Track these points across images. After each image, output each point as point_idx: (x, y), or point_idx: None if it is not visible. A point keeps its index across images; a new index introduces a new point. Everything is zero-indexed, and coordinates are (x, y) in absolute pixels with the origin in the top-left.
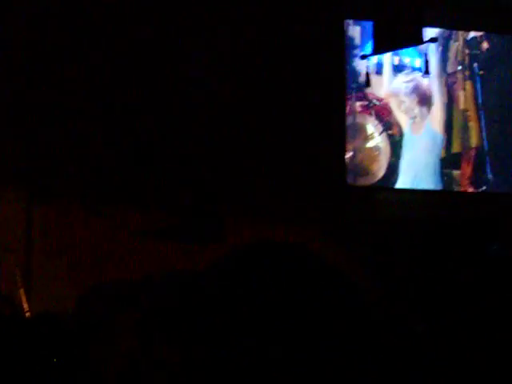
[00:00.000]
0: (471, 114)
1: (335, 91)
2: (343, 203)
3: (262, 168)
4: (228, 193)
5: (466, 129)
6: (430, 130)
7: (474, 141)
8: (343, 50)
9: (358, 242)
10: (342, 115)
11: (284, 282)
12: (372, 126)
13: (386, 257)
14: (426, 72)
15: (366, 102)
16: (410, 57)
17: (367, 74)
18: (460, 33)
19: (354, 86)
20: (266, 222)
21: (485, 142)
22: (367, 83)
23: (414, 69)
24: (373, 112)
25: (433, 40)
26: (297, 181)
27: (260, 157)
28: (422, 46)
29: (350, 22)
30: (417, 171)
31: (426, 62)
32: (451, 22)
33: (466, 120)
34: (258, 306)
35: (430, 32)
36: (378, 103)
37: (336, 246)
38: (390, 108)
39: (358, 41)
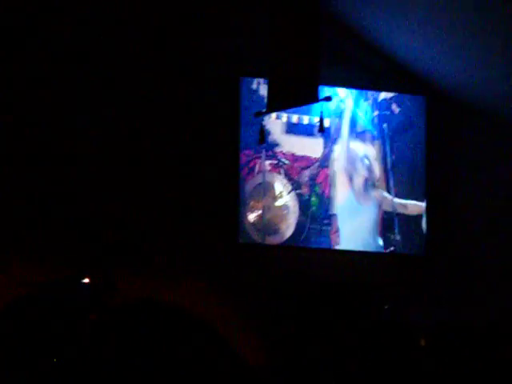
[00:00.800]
0: (379, 174)
1: (230, 151)
2: (234, 261)
3: (155, 227)
4: (121, 251)
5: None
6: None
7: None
8: (238, 107)
9: (246, 299)
10: (237, 174)
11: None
12: (281, 185)
13: (274, 315)
14: (321, 130)
15: (276, 161)
16: (318, 116)
17: (261, 131)
18: (370, 93)
19: (264, 144)
20: (158, 279)
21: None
22: (261, 140)
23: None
24: (282, 171)
25: (327, 99)
26: (190, 239)
27: (153, 216)
28: (328, 105)
29: (261, 80)
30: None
31: (321, 120)
32: (361, 83)
33: (374, 180)
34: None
35: (340, 91)
36: (287, 162)
37: (223, 304)
38: (300, 167)
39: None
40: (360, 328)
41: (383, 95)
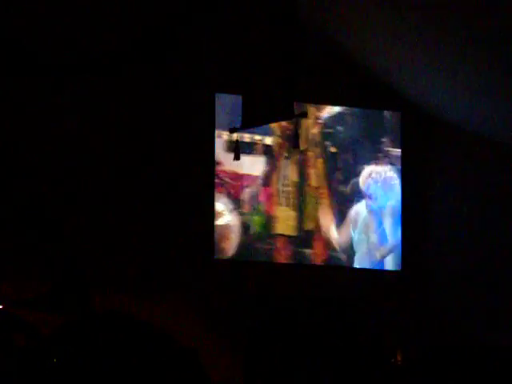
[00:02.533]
0: (324, 191)
1: (204, 166)
2: (209, 277)
3: (129, 243)
4: (97, 265)
5: (318, 206)
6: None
7: (327, 219)
8: (213, 123)
9: (220, 314)
10: (212, 191)
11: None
12: (222, 204)
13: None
14: (296, 146)
15: (218, 180)
16: (261, 135)
17: (236, 148)
18: (312, 110)
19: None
20: (130, 295)
21: (337, 221)
22: (236, 157)
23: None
24: (224, 190)
25: (303, 114)
26: (164, 256)
27: (128, 232)
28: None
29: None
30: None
31: (297, 136)
32: (337, 99)
33: (318, 198)
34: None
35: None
36: (229, 181)
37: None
38: (242, 186)
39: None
40: (337, 343)
41: (326, 113)
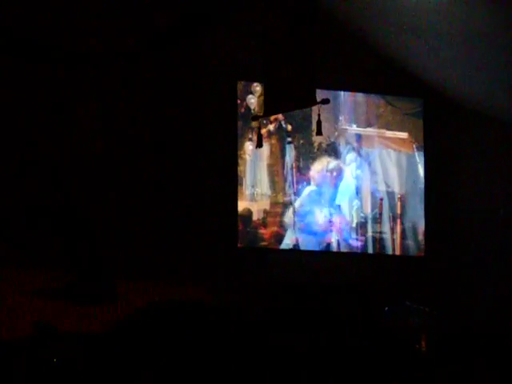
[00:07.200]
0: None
1: (227, 155)
2: (235, 265)
3: (152, 231)
4: (122, 255)
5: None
6: None
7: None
8: (236, 111)
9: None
10: (235, 178)
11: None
12: None
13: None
14: (318, 133)
15: None
16: None
17: (259, 135)
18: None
19: None
20: (157, 285)
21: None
22: (258, 144)
23: None
24: None
25: (325, 101)
26: (191, 244)
27: (151, 221)
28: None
29: None
30: None
31: (319, 124)
32: (359, 86)
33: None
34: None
35: None
36: None
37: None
38: None
39: None
40: (359, 330)
41: None
